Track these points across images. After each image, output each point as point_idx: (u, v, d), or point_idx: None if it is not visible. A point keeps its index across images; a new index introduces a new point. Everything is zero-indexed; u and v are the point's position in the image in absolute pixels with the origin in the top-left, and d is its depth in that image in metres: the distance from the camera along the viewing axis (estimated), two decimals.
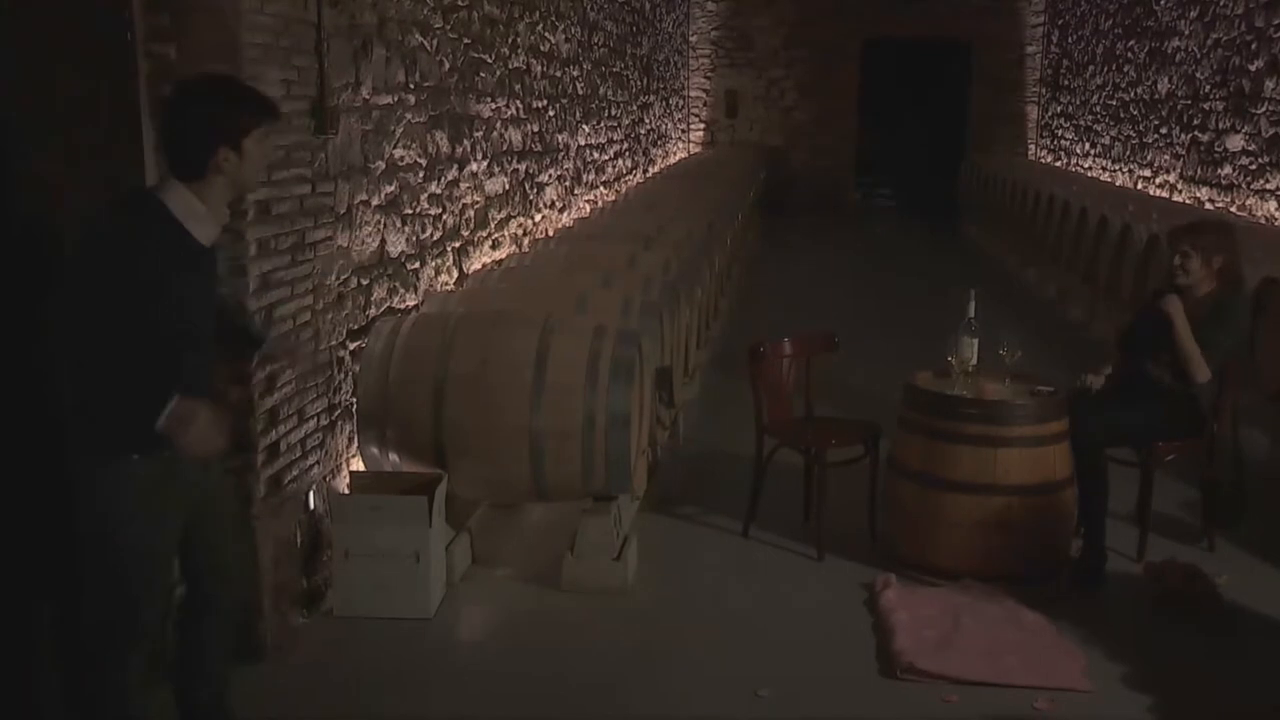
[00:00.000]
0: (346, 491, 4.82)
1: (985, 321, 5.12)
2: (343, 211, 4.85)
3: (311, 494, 4.50)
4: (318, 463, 4.55)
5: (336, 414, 4.83)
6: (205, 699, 3.45)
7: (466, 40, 6.77)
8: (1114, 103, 15.39)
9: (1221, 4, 11.51)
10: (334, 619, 4.42)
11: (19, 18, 3.34)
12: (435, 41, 6.14)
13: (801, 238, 16.81)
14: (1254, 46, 10.58)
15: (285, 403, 4.25)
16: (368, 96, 5.14)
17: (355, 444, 5.04)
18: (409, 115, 5.73)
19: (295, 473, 4.35)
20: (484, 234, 7.38)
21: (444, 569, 4.73)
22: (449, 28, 6.40)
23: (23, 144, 3.36)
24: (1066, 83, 18.09)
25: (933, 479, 4.89)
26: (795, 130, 20.28)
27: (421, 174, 5.98)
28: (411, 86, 5.75)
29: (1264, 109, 10.27)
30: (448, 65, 6.39)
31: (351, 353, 5.02)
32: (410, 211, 5.83)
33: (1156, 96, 13.52)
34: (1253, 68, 10.59)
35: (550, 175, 9.38)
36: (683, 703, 3.99)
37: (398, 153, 5.59)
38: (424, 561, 4.49)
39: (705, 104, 20.47)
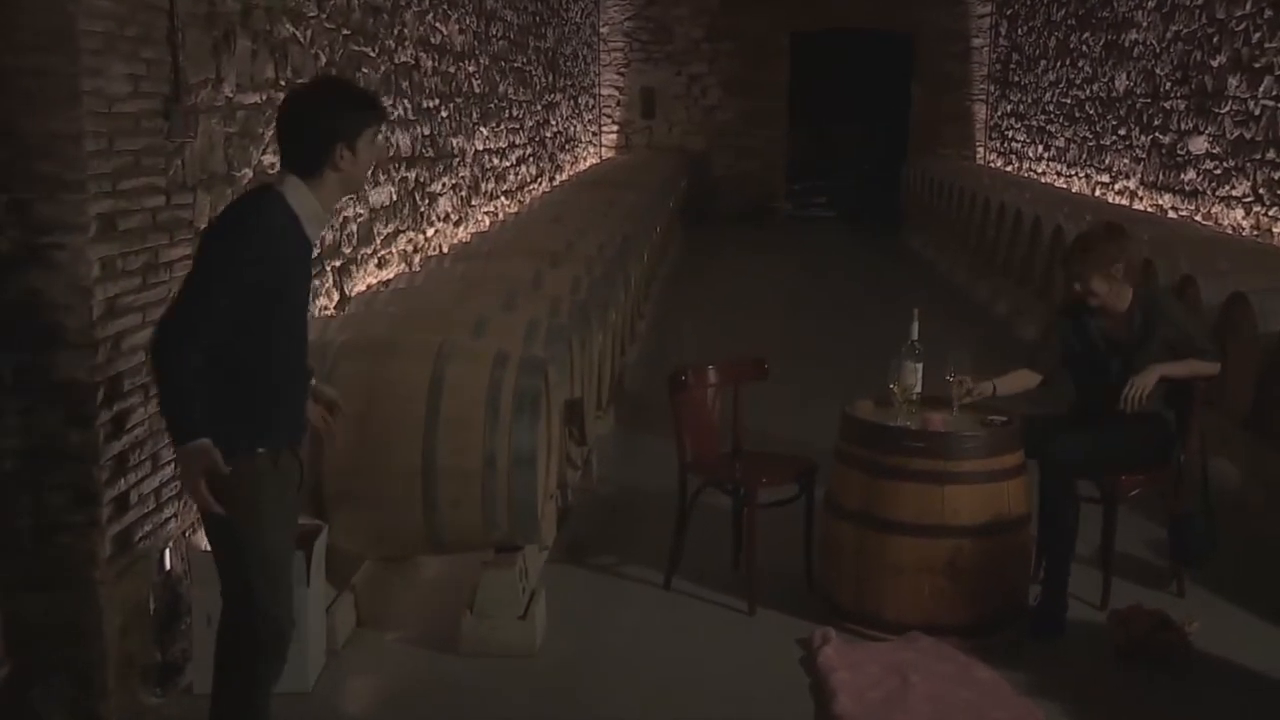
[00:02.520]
0: (209, 548, 4.71)
1: (930, 343, 5.18)
2: (203, 227, 4.76)
3: (167, 552, 4.40)
4: (175, 516, 4.46)
5: None
6: None
7: (345, 31, 6.73)
8: (1068, 101, 15.76)
9: None
10: (193, 696, 4.30)
11: None
12: (309, 32, 6.08)
13: (728, 251, 16.93)
14: (1216, 40, 10.90)
15: (136, 447, 4.16)
16: (231, 95, 5.07)
17: None
18: None
19: (148, 528, 4.25)
20: (369, 251, 7.32)
21: (324, 634, 4.65)
22: (325, 17, 6.35)
23: None
24: (1017, 79, 18.50)
25: (874, 520, 4.91)
26: (719, 132, 20.45)
27: None
28: (282, 83, 5.69)
29: (1228, 108, 10.58)
30: (324, 59, 6.34)
31: None
32: None
33: (1114, 94, 13.87)
34: (1215, 63, 10.91)
35: (444, 184, 9.34)
36: None
37: (267, 159, 5.51)
38: (301, 626, 4.36)
39: (619, 103, 20.57)
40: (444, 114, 9.28)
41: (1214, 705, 4.50)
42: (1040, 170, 16.95)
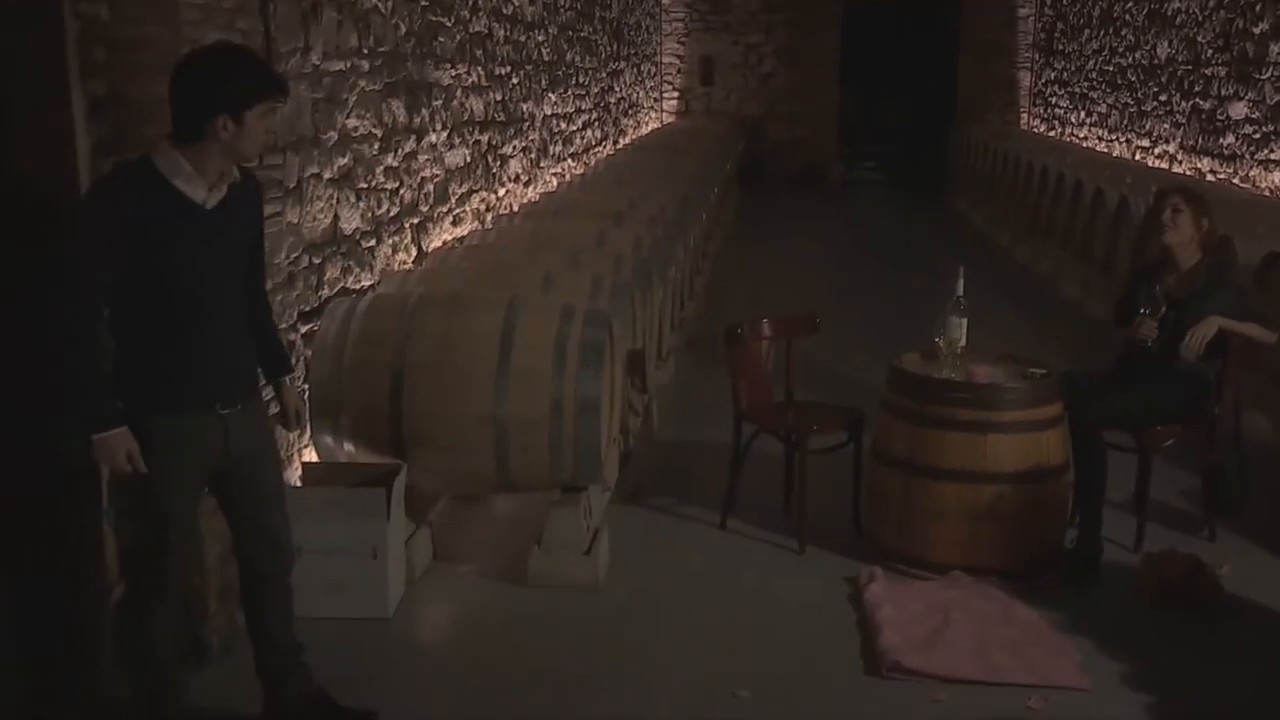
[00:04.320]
0: (299, 484, 4.80)
1: (975, 301, 5.15)
2: (292, 185, 4.81)
3: None
4: None
5: None
6: (276, 666, 3.74)
7: (424, 2, 6.73)
8: (1111, 68, 15.47)
9: None
10: None
11: None
12: (390, 3, 6.09)
13: (781, 212, 16.83)
14: (1258, 8, 10.65)
15: None
16: (318, 62, 5.10)
17: (308, 434, 5.02)
18: (363, 82, 5.69)
19: None
20: (444, 209, 7.35)
21: (403, 565, 4.72)
22: None
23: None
24: (1061, 47, 18.16)
25: (920, 467, 4.91)
26: (774, 99, 20.27)
27: (377, 145, 5.95)
28: (365, 52, 5.71)
29: (1268, 74, 10.35)
30: (404, 29, 6.35)
31: (303, 336, 4.99)
32: (365, 185, 5.79)
33: (1156, 61, 13.59)
34: (1257, 30, 10.66)
35: (515, 147, 9.35)
36: (657, 705, 4.01)
37: (351, 122, 5.55)
38: (382, 558, 4.48)
39: (679, 71, 20.44)
40: (515, 81, 9.27)
41: (1245, 645, 4.47)
42: (1082, 135, 16.66)
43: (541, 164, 10.48)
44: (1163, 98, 13.26)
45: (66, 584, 3.82)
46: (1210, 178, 11.36)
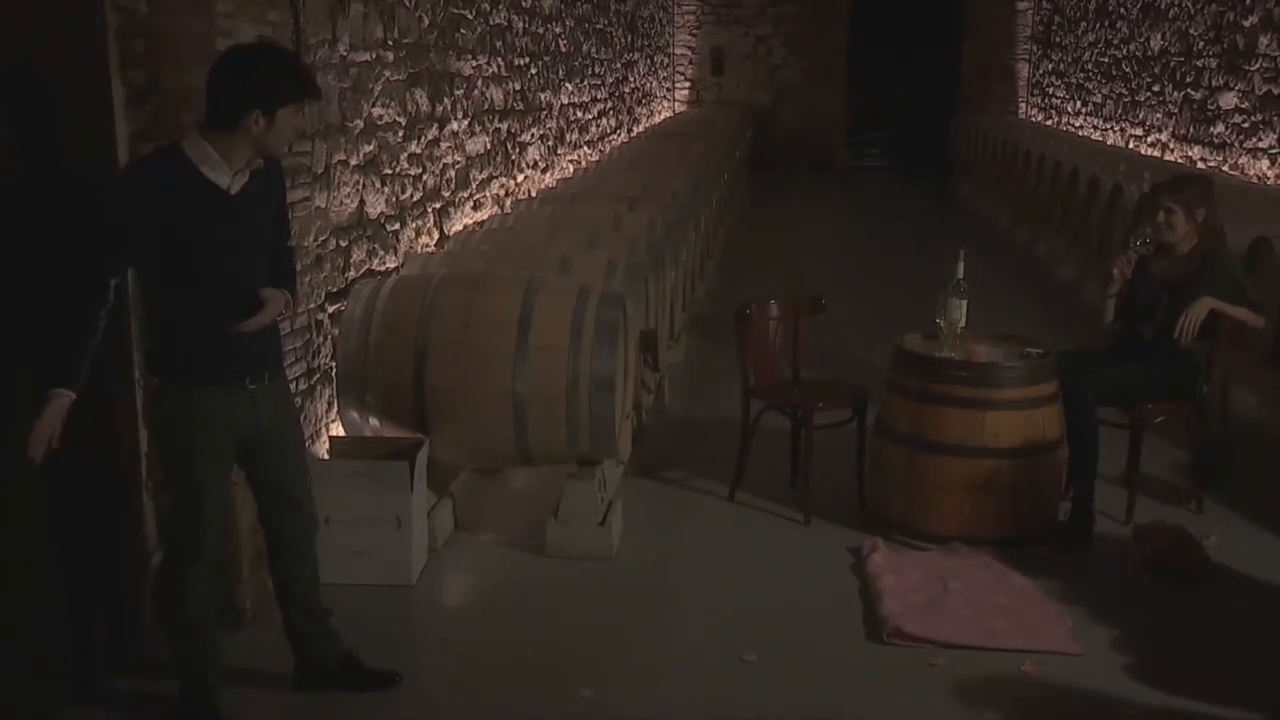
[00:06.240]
0: (326, 457, 4.81)
1: (974, 282, 5.12)
2: (320, 171, 4.81)
3: None
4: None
5: (315, 378, 4.80)
6: (305, 629, 3.77)
7: None
8: (1106, 60, 15.36)
9: None
10: None
11: None
12: None
13: (790, 198, 16.77)
14: (1248, 2, 10.56)
15: None
16: (345, 53, 5.09)
17: (335, 409, 5.03)
18: (388, 73, 5.67)
19: None
20: (465, 194, 7.34)
21: (426, 535, 4.73)
22: None
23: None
24: (1058, 39, 18.04)
25: (921, 442, 4.90)
26: (783, 88, 20.19)
27: (401, 133, 5.93)
28: (390, 43, 5.70)
29: (1257, 66, 10.26)
30: (427, 21, 6.33)
31: (330, 316, 5.00)
32: (390, 171, 5.79)
33: (1149, 53, 13.49)
34: (1247, 23, 10.57)
35: (533, 134, 9.33)
36: (669, 668, 4.01)
37: (376, 111, 5.54)
38: (405, 527, 4.49)
39: (691, 61, 20.36)
40: (533, 71, 9.24)
41: (1229, 612, 4.46)
42: (1078, 124, 16.56)
43: (559, 151, 10.46)
44: (1155, 88, 13.17)
45: (110, 551, 3.83)
46: (1200, 165, 11.28)
